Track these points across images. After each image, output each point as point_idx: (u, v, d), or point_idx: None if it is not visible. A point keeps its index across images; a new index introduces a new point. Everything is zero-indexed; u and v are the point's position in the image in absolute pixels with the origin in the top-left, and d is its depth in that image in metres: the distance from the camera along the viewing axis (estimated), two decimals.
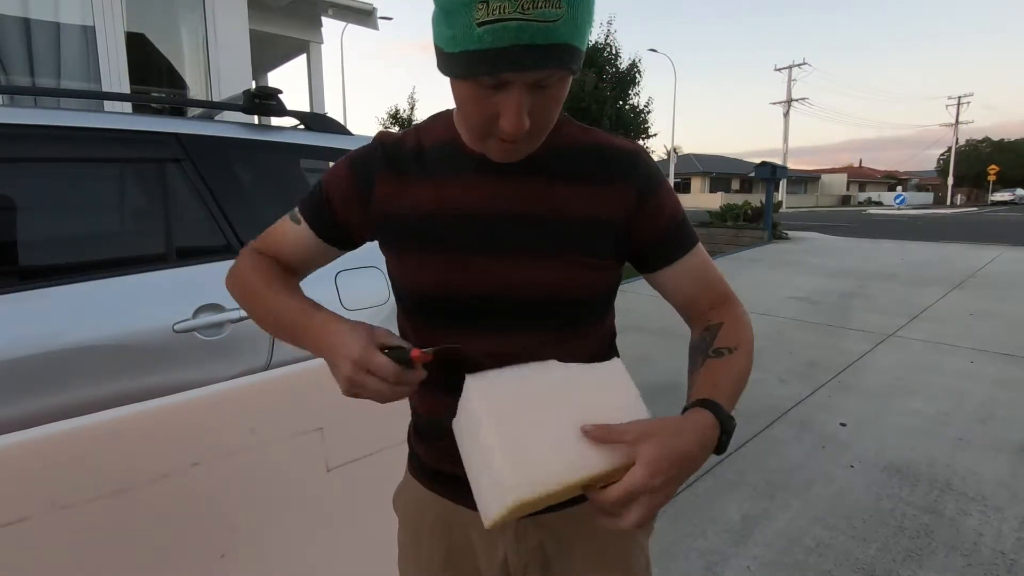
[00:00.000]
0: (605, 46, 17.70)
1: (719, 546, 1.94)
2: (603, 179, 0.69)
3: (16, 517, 1.03)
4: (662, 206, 0.72)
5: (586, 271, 0.68)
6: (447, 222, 0.68)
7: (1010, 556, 1.86)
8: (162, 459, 1.18)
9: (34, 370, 1.26)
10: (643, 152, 0.73)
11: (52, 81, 3.06)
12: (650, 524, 0.80)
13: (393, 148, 0.72)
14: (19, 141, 1.39)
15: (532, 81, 0.55)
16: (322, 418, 1.36)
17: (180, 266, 1.53)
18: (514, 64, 0.53)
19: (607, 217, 0.69)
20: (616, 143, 0.72)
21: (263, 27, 4.94)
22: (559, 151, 0.69)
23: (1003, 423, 2.91)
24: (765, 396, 3.29)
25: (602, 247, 0.69)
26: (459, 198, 0.68)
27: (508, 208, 0.67)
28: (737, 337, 0.71)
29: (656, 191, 0.71)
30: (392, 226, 0.71)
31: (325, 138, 1.94)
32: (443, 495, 0.78)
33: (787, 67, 36.94)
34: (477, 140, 0.64)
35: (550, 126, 0.63)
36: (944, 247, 10.42)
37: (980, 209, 36.00)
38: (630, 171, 0.70)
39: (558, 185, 0.68)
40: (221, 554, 1.25)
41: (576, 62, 0.56)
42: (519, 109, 0.57)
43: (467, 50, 0.54)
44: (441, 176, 0.69)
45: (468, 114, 0.61)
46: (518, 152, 0.64)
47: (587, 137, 0.72)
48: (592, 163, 0.70)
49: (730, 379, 0.67)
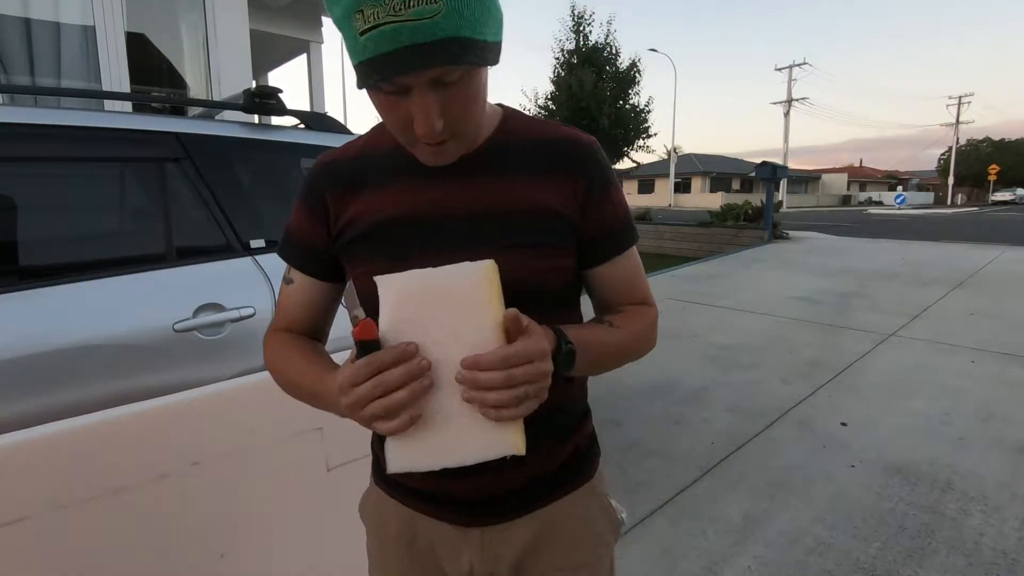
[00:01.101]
0: (605, 46, 17.72)
1: (720, 546, 1.94)
2: (553, 171, 0.68)
3: (16, 517, 1.02)
4: (610, 204, 0.72)
5: (544, 260, 0.67)
6: (396, 228, 0.67)
7: (1012, 556, 1.86)
8: (162, 459, 1.18)
9: (34, 369, 1.25)
10: (595, 145, 0.72)
11: (52, 81, 3.06)
12: (618, 524, 0.83)
13: (334, 165, 0.73)
14: (17, 140, 1.39)
15: (430, 80, 0.54)
16: (322, 418, 1.36)
17: (180, 265, 1.53)
18: (400, 67, 0.52)
19: (559, 206, 0.68)
20: (567, 134, 0.71)
21: (263, 27, 4.95)
22: (505, 144, 0.69)
23: (1004, 423, 2.90)
24: (766, 396, 3.29)
25: (558, 235, 0.68)
26: (407, 203, 0.68)
27: (457, 206, 0.66)
28: (625, 320, 0.73)
29: (606, 188, 0.71)
30: (347, 240, 0.71)
31: (325, 137, 1.94)
32: (404, 503, 0.77)
33: (788, 67, 36.94)
34: (406, 146, 0.63)
35: (471, 122, 0.61)
36: (945, 247, 10.41)
37: (981, 209, 35.96)
38: (581, 165, 0.69)
39: (507, 178, 0.67)
40: (221, 554, 1.25)
41: (473, 54, 0.54)
42: (427, 111, 0.56)
43: (360, 61, 0.53)
44: (388, 183, 0.69)
45: (387, 123, 0.61)
46: (446, 154, 0.63)
47: (535, 129, 0.71)
48: (542, 155, 0.69)
49: (590, 334, 0.67)
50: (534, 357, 0.56)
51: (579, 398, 0.80)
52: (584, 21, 17.82)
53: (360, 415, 0.56)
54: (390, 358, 0.55)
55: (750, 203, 12.95)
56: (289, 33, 5.35)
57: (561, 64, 18.16)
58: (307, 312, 0.78)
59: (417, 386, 0.55)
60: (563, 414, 0.76)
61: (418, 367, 0.56)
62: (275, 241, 1.68)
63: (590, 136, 0.72)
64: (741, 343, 4.34)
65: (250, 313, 1.54)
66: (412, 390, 0.55)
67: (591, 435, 0.83)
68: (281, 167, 1.87)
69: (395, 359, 0.55)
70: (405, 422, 0.56)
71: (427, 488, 0.73)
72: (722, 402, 3.20)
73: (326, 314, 0.81)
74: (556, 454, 0.75)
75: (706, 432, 2.83)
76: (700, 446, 2.68)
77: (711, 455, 2.59)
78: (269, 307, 1.58)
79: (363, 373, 0.55)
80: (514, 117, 0.72)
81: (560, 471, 0.76)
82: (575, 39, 17.97)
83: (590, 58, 17.54)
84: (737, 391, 3.37)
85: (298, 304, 0.78)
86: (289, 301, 0.78)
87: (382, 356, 0.55)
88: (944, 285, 6.57)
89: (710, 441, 2.73)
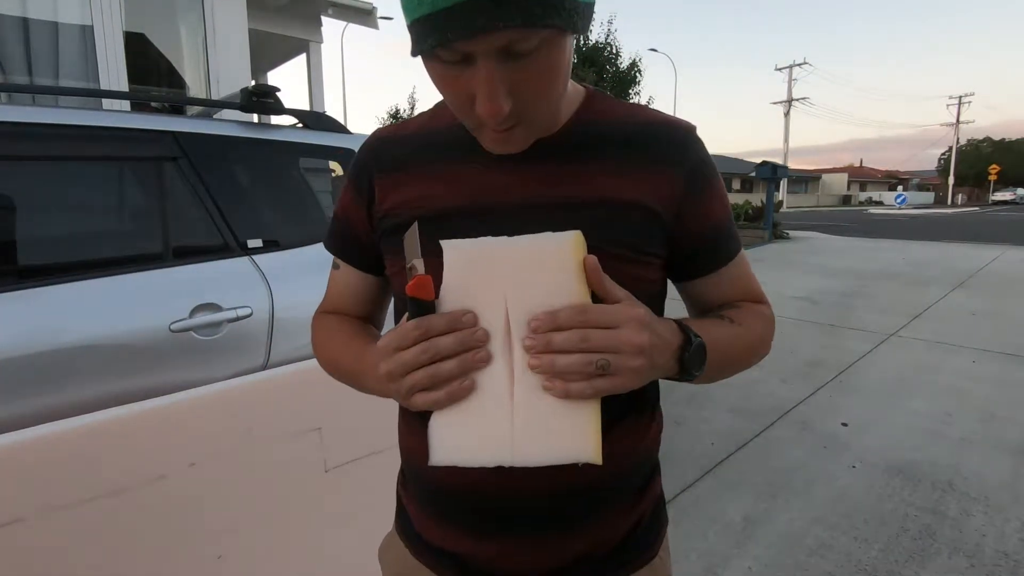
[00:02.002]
0: (606, 45, 17.73)
1: (720, 547, 1.93)
2: (646, 160, 0.57)
3: (10, 518, 1.02)
4: (716, 200, 0.60)
5: (628, 266, 0.55)
6: (450, 219, 0.57)
7: (1013, 557, 1.85)
8: (159, 460, 1.17)
9: (28, 370, 1.25)
10: (695, 131, 0.60)
11: (51, 80, 3.06)
12: None
13: (388, 143, 0.64)
14: (14, 139, 1.38)
15: (500, 48, 0.43)
16: (320, 418, 1.35)
17: (177, 265, 1.52)
18: (463, 28, 0.41)
19: (652, 202, 0.56)
20: (663, 118, 0.60)
21: (263, 26, 4.94)
22: (588, 129, 0.58)
23: (1005, 423, 2.89)
24: (766, 396, 3.28)
25: (648, 238, 0.57)
26: (465, 191, 0.57)
27: (524, 197, 0.56)
28: (744, 317, 0.62)
29: (711, 181, 0.60)
30: (389, 228, 0.61)
31: (323, 136, 1.94)
32: (431, 567, 0.64)
33: (788, 67, 36.93)
34: (469, 129, 0.54)
35: (547, 104, 0.50)
36: (945, 247, 10.40)
37: (981, 209, 35.94)
38: (680, 154, 0.58)
39: (588, 166, 0.56)
40: (218, 555, 1.24)
41: (559, 14, 0.43)
42: (491, 87, 0.45)
43: (416, 18, 0.43)
44: (445, 167, 0.59)
45: (447, 100, 0.51)
46: (513, 141, 0.52)
47: (625, 112, 0.60)
48: (632, 142, 0.58)
49: (714, 329, 0.57)
50: (621, 322, 0.46)
51: (653, 446, 0.65)
52: None
53: (400, 384, 0.48)
54: (443, 323, 0.47)
55: (750, 203, 12.96)
56: (289, 33, 5.35)
57: None
58: (359, 301, 0.72)
59: (470, 357, 0.47)
60: (633, 466, 0.62)
61: (473, 338, 0.47)
62: (273, 241, 1.67)
63: (688, 121, 0.61)
64: None
65: (247, 313, 1.53)
66: (463, 360, 0.47)
67: (659, 499, 0.67)
68: (279, 166, 1.86)
69: (448, 325, 0.47)
70: (452, 393, 0.48)
71: (457, 550, 0.61)
72: (722, 402, 3.19)
73: (377, 305, 0.73)
74: (616, 525, 0.61)
75: (706, 432, 2.82)
76: (700, 446, 2.67)
77: (711, 455, 2.58)
78: (267, 307, 1.57)
79: (411, 336, 0.47)
80: (599, 97, 0.61)
81: (619, 549, 0.62)
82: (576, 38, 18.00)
83: (591, 57, 17.55)
84: (737, 391, 3.36)
85: (347, 292, 0.71)
86: (339, 289, 0.72)
87: (433, 320, 0.47)
88: (945, 285, 6.56)
89: (710, 442, 2.72)
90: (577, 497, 0.58)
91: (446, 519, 0.61)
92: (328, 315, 0.73)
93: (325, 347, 0.68)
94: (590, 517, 0.59)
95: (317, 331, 0.71)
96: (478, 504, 0.59)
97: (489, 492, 0.57)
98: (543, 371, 0.46)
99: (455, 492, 0.59)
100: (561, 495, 0.57)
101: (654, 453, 0.66)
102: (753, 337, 0.62)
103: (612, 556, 0.61)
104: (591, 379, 0.46)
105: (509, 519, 0.58)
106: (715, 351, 0.55)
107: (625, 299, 0.49)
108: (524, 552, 0.59)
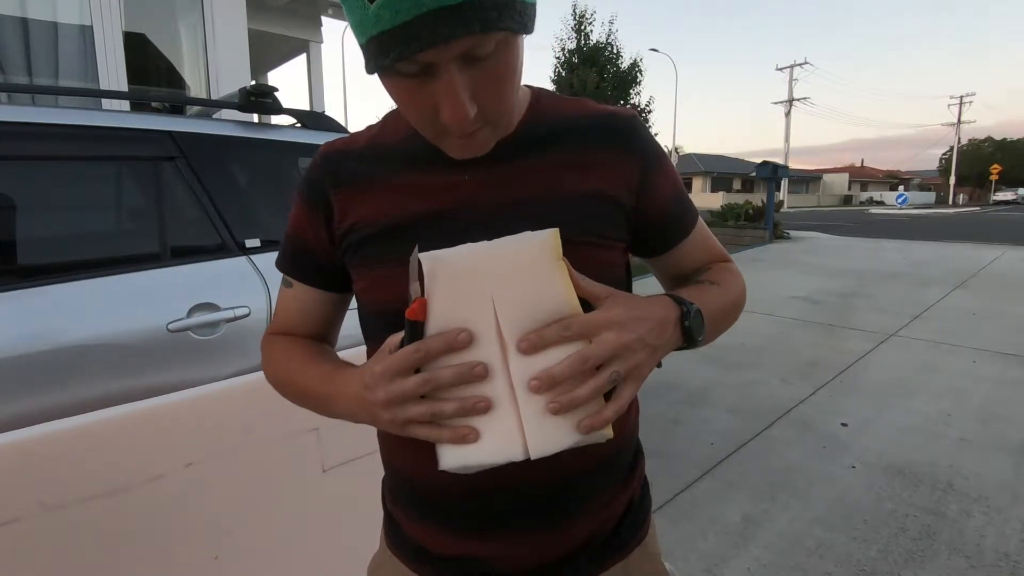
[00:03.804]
0: (606, 45, 17.76)
1: (719, 547, 1.93)
2: (598, 150, 0.60)
3: (6, 518, 1.01)
4: (668, 178, 0.64)
5: (597, 252, 0.58)
6: (416, 226, 0.57)
7: (1014, 558, 1.85)
8: (156, 460, 1.17)
9: (26, 370, 1.25)
10: (638, 118, 0.63)
11: (50, 80, 3.06)
12: None
13: (342, 158, 0.63)
14: (13, 139, 1.38)
15: (460, 55, 0.44)
16: (318, 418, 1.33)
17: (174, 265, 1.52)
18: (424, 39, 0.42)
19: (610, 189, 0.59)
20: (607, 109, 0.63)
21: (262, 27, 4.94)
22: (540, 126, 0.60)
23: (1005, 423, 2.89)
24: (766, 396, 3.28)
25: (610, 224, 0.59)
26: (430, 197, 0.58)
27: (489, 198, 0.57)
28: (721, 277, 0.66)
29: (660, 161, 0.63)
30: (354, 242, 0.60)
31: (322, 136, 1.93)
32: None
33: (789, 66, 36.91)
34: (432, 140, 0.54)
35: (507, 104, 0.52)
36: (946, 247, 10.39)
37: (982, 209, 35.92)
38: (628, 140, 0.61)
39: (546, 161, 0.58)
40: (215, 556, 1.24)
41: (512, 17, 0.45)
42: (456, 94, 0.46)
43: (371, 37, 0.44)
44: (405, 175, 0.59)
45: (407, 113, 0.51)
46: (478, 144, 0.53)
47: (570, 106, 0.62)
48: (582, 133, 0.60)
49: (702, 293, 0.60)
50: (602, 327, 0.48)
51: (634, 428, 0.68)
52: (586, 21, 17.90)
53: (396, 413, 0.48)
54: (441, 344, 0.47)
55: (751, 203, 12.95)
56: (288, 33, 5.35)
57: (562, 63, 18.20)
58: (311, 320, 0.70)
59: (470, 405, 0.47)
60: (623, 448, 0.65)
61: (472, 373, 0.47)
62: (272, 241, 1.67)
63: (630, 108, 0.64)
64: (741, 343, 4.32)
65: (245, 313, 1.53)
66: (464, 404, 0.47)
67: (645, 479, 0.71)
68: (277, 166, 1.86)
69: (446, 346, 0.47)
70: (455, 437, 0.47)
71: (462, 554, 0.61)
72: (722, 402, 3.19)
73: (331, 324, 0.72)
74: (612, 508, 0.64)
75: (706, 432, 2.82)
76: (700, 446, 2.67)
77: (711, 455, 2.57)
78: (264, 307, 1.57)
79: (412, 360, 0.47)
80: (545, 95, 0.63)
81: (616, 530, 0.64)
82: (576, 38, 18.03)
83: (591, 58, 17.57)
84: (737, 391, 3.35)
85: (299, 310, 0.69)
86: (290, 308, 0.70)
87: (431, 343, 0.47)
88: (945, 285, 6.56)
89: (710, 441, 2.72)
90: (574, 485, 0.60)
91: (447, 525, 0.61)
92: (280, 336, 0.70)
93: (282, 369, 0.66)
94: (587, 503, 0.61)
95: (271, 352, 0.69)
96: (478, 504, 0.59)
97: (488, 491, 0.57)
98: (564, 412, 0.47)
99: (454, 497, 0.59)
100: (559, 485, 0.59)
101: (636, 434, 0.70)
102: (735, 293, 0.67)
103: (610, 538, 0.64)
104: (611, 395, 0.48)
105: (510, 515, 0.59)
106: (709, 314, 0.58)
107: (604, 295, 0.51)
108: (528, 545, 0.60)
